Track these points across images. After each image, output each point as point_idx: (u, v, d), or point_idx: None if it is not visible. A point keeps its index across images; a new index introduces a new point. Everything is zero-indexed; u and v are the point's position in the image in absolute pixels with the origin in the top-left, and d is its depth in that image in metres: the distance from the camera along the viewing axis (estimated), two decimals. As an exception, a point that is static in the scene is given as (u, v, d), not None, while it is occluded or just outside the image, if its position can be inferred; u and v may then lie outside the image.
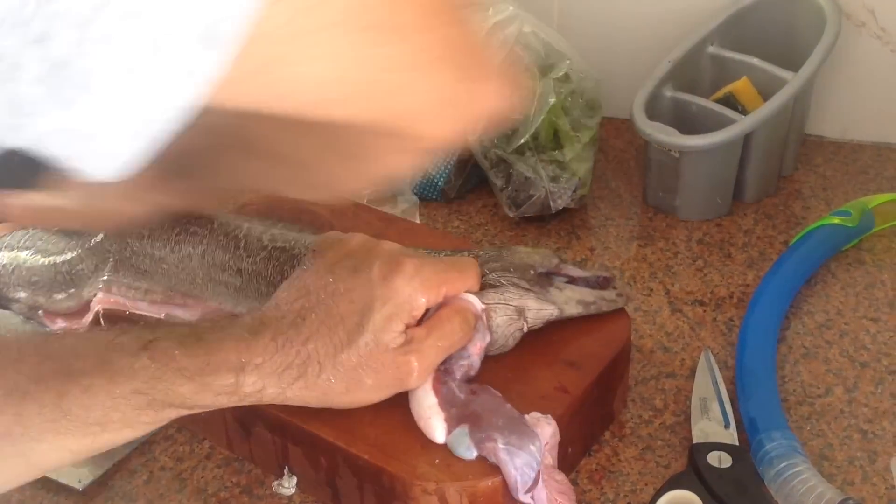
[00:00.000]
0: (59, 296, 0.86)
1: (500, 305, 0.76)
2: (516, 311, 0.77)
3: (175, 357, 0.64)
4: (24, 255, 0.88)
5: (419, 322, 0.71)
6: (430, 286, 0.71)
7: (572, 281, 0.81)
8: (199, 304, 0.82)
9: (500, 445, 0.69)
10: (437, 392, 0.72)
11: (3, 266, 0.88)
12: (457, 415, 0.71)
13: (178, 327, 0.69)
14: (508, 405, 0.72)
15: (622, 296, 0.81)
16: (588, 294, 0.80)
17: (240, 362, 0.65)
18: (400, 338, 0.69)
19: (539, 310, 0.77)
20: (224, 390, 0.65)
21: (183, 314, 0.82)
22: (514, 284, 0.77)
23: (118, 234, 0.83)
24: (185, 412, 0.65)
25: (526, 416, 0.71)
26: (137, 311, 0.84)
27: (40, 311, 0.88)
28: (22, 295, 0.88)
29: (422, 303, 0.70)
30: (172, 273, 0.82)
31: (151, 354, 0.63)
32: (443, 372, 0.73)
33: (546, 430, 0.71)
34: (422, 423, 0.72)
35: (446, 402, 0.72)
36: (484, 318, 0.75)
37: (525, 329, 0.77)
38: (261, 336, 0.66)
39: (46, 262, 0.86)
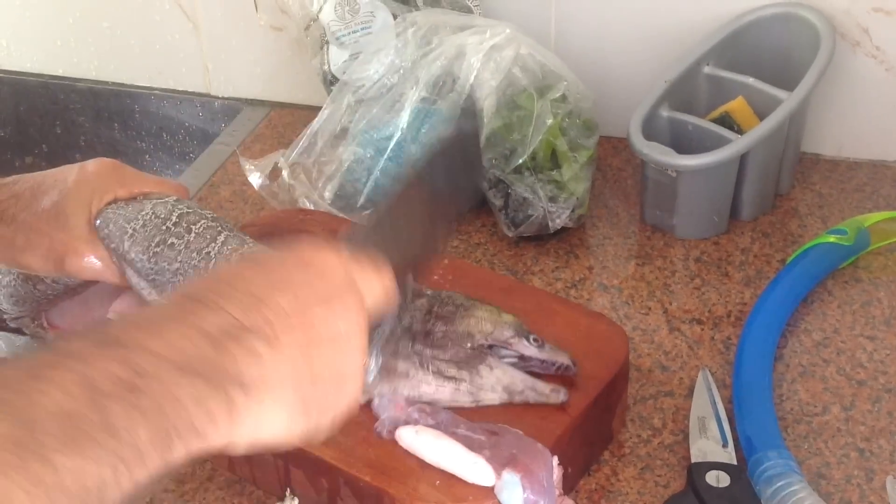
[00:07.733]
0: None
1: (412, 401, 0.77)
2: (428, 402, 0.77)
3: None
4: None
5: None
6: None
7: (522, 358, 0.78)
8: None
9: None
10: (458, 440, 0.73)
11: None
12: (492, 457, 0.71)
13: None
14: (539, 444, 0.72)
15: (557, 392, 0.76)
16: (519, 381, 0.77)
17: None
18: None
19: (452, 401, 0.77)
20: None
21: None
22: (436, 373, 0.76)
23: None
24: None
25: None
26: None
27: (45, 324, 0.91)
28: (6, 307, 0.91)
29: None
30: (158, 282, 0.83)
31: None
32: (439, 424, 0.74)
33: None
34: (468, 472, 0.71)
35: (474, 447, 0.72)
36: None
37: None
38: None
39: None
